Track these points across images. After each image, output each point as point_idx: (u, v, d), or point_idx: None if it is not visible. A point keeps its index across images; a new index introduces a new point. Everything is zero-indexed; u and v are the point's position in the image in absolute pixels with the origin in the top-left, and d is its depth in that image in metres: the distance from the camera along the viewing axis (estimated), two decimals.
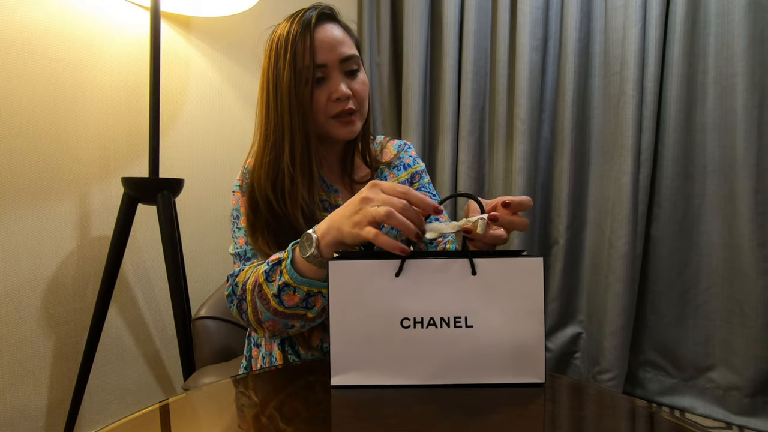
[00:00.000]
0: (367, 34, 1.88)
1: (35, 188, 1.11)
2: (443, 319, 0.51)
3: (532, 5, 1.58)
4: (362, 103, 0.78)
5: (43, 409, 1.14)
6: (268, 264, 0.64)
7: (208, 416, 0.50)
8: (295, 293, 0.61)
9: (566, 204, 1.62)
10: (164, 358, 1.39)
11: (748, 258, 1.37)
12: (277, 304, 0.63)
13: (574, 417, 0.49)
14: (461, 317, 0.51)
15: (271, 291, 0.62)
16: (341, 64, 0.76)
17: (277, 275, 0.62)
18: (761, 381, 1.38)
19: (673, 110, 1.48)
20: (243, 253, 0.78)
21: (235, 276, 0.74)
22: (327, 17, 0.77)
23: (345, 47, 0.76)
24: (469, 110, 1.69)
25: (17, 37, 1.07)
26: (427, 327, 0.51)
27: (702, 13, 1.44)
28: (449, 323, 0.50)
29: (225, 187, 1.52)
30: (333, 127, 0.77)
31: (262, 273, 0.64)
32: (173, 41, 1.37)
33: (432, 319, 0.51)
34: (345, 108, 0.75)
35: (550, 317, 1.68)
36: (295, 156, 0.73)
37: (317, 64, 0.74)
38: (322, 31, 0.75)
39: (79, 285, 1.19)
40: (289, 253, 0.62)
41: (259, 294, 0.64)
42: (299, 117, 0.73)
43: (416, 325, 0.51)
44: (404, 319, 0.51)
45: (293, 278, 0.61)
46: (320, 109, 0.76)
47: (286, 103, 0.74)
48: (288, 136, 0.74)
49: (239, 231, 0.79)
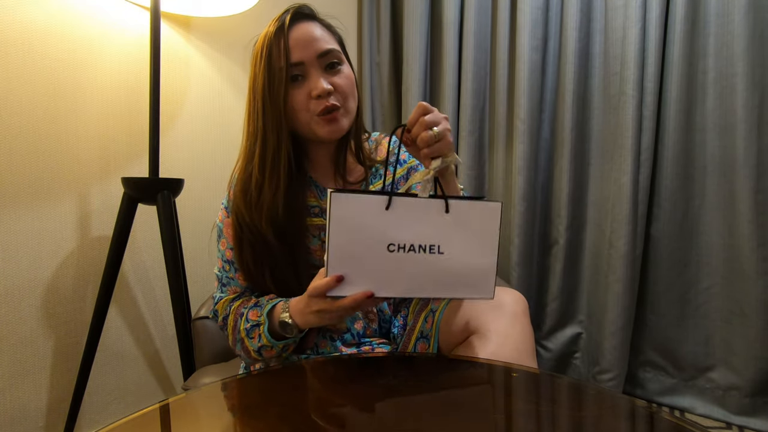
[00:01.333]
0: (367, 34, 1.88)
1: (35, 188, 1.11)
2: (421, 247, 0.61)
3: (532, 5, 1.58)
4: (346, 98, 0.75)
5: (43, 409, 1.14)
6: (248, 321, 0.72)
7: (208, 416, 0.50)
8: (272, 349, 0.71)
9: (566, 204, 1.62)
10: (164, 358, 1.39)
11: (748, 258, 1.37)
12: (257, 356, 0.73)
13: (574, 417, 0.49)
14: (435, 245, 0.62)
15: (252, 347, 0.72)
16: (319, 59, 0.73)
17: (256, 337, 0.71)
18: (761, 381, 1.38)
19: (673, 110, 1.48)
20: (220, 277, 0.81)
21: (215, 302, 0.81)
22: (302, 16, 0.75)
23: (321, 43, 0.74)
24: (469, 110, 1.69)
25: (17, 37, 1.07)
26: (408, 252, 0.61)
27: (702, 13, 1.44)
28: (426, 250, 0.62)
29: (225, 187, 1.52)
30: (317, 126, 0.74)
31: (243, 330, 0.72)
32: (173, 41, 1.37)
33: (412, 246, 0.61)
34: (327, 104, 0.72)
35: (550, 317, 1.68)
36: (265, 160, 0.71)
37: (292, 62, 0.72)
38: (297, 30, 0.73)
39: (79, 285, 1.19)
40: (265, 319, 0.70)
41: (242, 347, 0.73)
42: (272, 119, 0.71)
43: (399, 250, 0.61)
44: (390, 245, 0.61)
45: (270, 341, 0.70)
46: (302, 109, 0.73)
47: (260, 106, 0.72)
48: (260, 139, 0.72)
49: (218, 252, 0.81)
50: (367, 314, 0.85)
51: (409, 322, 0.87)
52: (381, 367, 0.66)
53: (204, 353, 1.12)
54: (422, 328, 0.82)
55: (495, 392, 0.51)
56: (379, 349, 0.83)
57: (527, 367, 0.63)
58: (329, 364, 0.69)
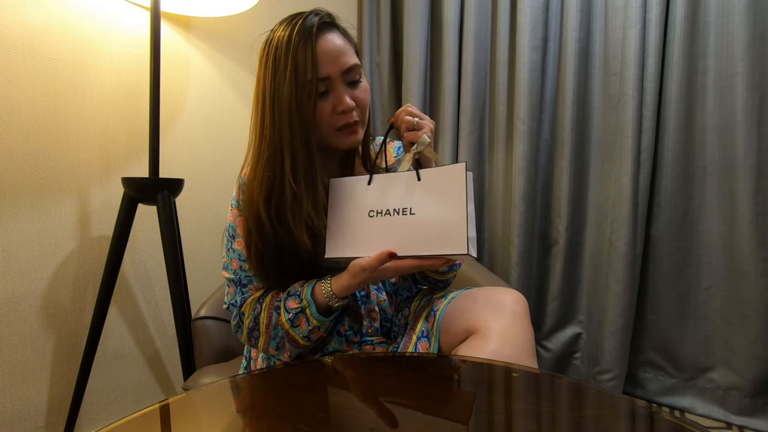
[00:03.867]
0: (367, 34, 1.88)
1: (35, 188, 1.11)
2: (395, 210, 0.71)
3: (532, 5, 1.58)
4: (364, 111, 0.78)
5: (43, 409, 1.14)
6: (288, 311, 0.73)
7: (208, 416, 0.50)
8: (320, 329, 0.74)
9: (566, 204, 1.62)
10: (164, 358, 1.39)
11: (748, 258, 1.37)
12: (306, 342, 0.75)
13: (574, 417, 0.49)
14: (407, 208, 0.70)
15: (300, 334, 0.74)
16: (344, 75, 0.73)
17: (303, 323, 0.73)
18: (761, 381, 1.38)
19: (673, 110, 1.48)
20: (238, 279, 0.78)
21: (238, 306, 0.78)
22: (328, 26, 0.74)
23: (347, 57, 0.73)
24: (469, 110, 1.69)
25: (17, 38, 1.07)
26: (384, 216, 0.71)
27: (702, 13, 1.44)
28: (399, 212, 0.70)
29: (225, 187, 1.52)
30: (337, 138, 0.76)
31: (287, 321, 0.73)
32: (173, 41, 1.37)
33: (388, 211, 0.71)
34: (350, 120, 0.74)
35: (550, 317, 1.68)
36: (297, 173, 0.71)
37: (320, 77, 0.71)
38: (324, 41, 0.71)
39: (79, 285, 1.19)
40: (309, 302, 0.73)
41: (288, 339, 0.75)
42: (301, 132, 0.71)
43: (377, 215, 0.72)
44: (370, 212, 0.72)
45: (321, 320, 0.73)
46: (324, 122, 0.74)
47: (286, 117, 0.70)
48: (288, 152, 0.71)
49: (233, 252, 0.78)
50: (370, 313, 0.85)
51: (410, 321, 0.87)
52: (381, 366, 0.66)
53: (204, 353, 1.12)
54: (423, 327, 0.82)
55: (495, 392, 0.51)
56: (379, 348, 0.83)
57: (527, 367, 0.63)
58: (329, 363, 0.69)
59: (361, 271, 0.69)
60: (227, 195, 1.52)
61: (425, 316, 0.83)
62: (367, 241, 0.71)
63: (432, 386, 0.54)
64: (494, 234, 1.74)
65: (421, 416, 0.45)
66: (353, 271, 0.70)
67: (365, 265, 0.69)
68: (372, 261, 0.68)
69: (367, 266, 0.68)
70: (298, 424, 0.45)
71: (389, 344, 0.86)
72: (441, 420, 0.44)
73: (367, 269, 0.69)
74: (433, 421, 0.44)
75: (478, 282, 1.32)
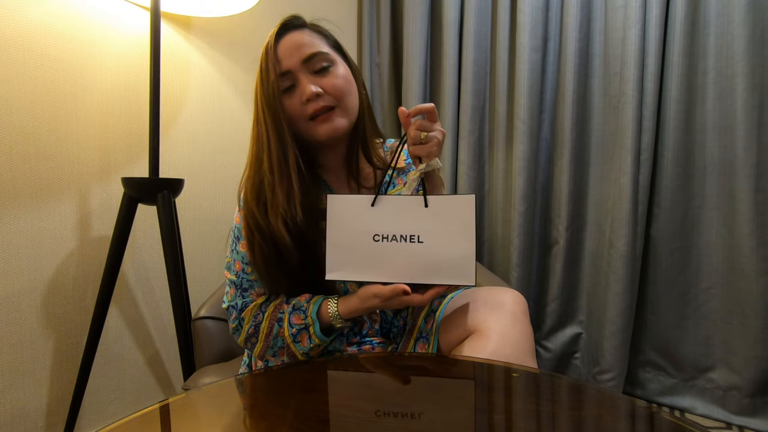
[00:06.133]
0: (367, 34, 1.88)
1: (35, 188, 1.11)
2: (402, 237, 0.69)
3: (532, 5, 1.58)
4: (341, 97, 0.77)
5: (43, 409, 1.14)
6: (292, 326, 0.74)
7: (208, 416, 0.50)
8: (320, 347, 0.75)
9: (566, 204, 1.62)
10: (164, 358, 1.39)
11: (748, 258, 1.37)
12: (304, 357, 0.76)
13: (574, 417, 0.49)
14: (415, 235, 0.69)
15: (301, 351, 0.74)
16: (305, 64, 0.75)
17: (305, 340, 0.74)
18: (761, 381, 1.38)
19: (673, 110, 1.48)
20: (239, 282, 0.79)
21: (238, 310, 0.78)
22: (290, 27, 0.78)
23: (306, 48, 0.75)
24: (469, 110, 1.69)
25: (17, 37, 1.07)
26: (390, 241, 0.70)
27: (702, 13, 1.44)
28: (406, 239, 0.69)
29: (225, 187, 1.52)
30: (313, 128, 0.76)
31: (289, 336, 0.74)
32: (173, 41, 1.37)
33: (394, 236, 0.70)
34: (317, 107, 0.75)
35: (549, 317, 1.68)
36: (272, 163, 0.74)
37: (281, 72, 0.75)
38: (284, 40, 0.76)
39: (79, 285, 1.19)
40: (313, 320, 0.73)
41: (287, 353, 0.75)
42: (273, 128, 0.74)
43: (383, 240, 0.70)
44: (375, 236, 0.70)
45: (323, 340, 0.74)
46: (298, 116, 0.76)
47: (261, 116, 0.75)
48: (265, 145, 0.75)
49: (237, 254, 0.79)
50: (371, 315, 0.85)
51: (409, 322, 0.87)
52: (381, 366, 0.66)
53: (204, 353, 1.12)
54: (422, 327, 0.82)
55: (495, 392, 0.51)
56: (379, 348, 0.83)
57: (527, 367, 0.63)
58: (329, 363, 0.69)
59: (373, 298, 0.70)
60: (227, 195, 1.52)
61: (424, 317, 0.83)
62: (373, 266, 0.70)
63: (431, 386, 0.54)
64: (494, 234, 1.75)
65: (420, 416, 0.45)
66: (364, 296, 0.71)
67: (378, 292, 0.69)
68: (386, 291, 0.68)
69: (380, 294, 0.69)
70: (298, 424, 0.45)
71: (388, 344, 0.86)
72: (441, 420, 0.44)
73: (379, 297, 0.69)
74: (433, 421, 0.44)
75: (478, 282, 1.32)
